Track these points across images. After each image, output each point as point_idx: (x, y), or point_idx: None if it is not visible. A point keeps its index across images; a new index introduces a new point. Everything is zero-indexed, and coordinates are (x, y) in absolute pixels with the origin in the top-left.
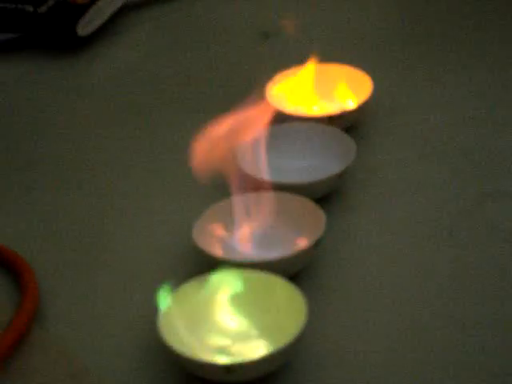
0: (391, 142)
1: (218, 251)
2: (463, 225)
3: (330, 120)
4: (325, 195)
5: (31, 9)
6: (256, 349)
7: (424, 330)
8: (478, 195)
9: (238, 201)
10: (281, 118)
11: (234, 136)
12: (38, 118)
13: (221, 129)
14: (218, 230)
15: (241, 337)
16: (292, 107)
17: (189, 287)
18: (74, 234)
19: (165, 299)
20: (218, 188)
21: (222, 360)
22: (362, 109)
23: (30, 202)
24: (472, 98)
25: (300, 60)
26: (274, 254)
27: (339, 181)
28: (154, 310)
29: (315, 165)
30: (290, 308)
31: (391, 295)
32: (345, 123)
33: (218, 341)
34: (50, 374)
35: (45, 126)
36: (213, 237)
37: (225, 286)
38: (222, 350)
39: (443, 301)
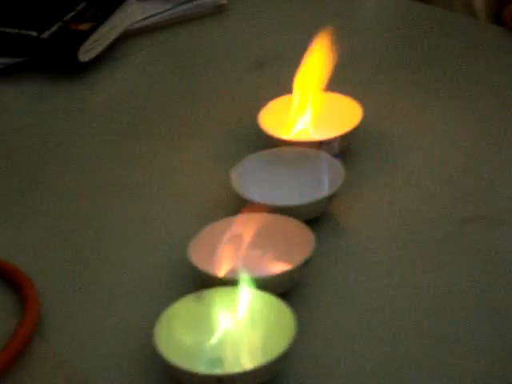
0: (379, 168)
1: (212, 269)
2: (447, 248)
3: (321, 145)
4: (314, 217)
5: (35, 34)
6: (247, 361)
7: (409, 348)
8: (462, 220)
9: (231, 222)
10: (273, 143)
11: None
12: (39, 139)
13: None
14: (212, 249)
15: (233, 350)
16: (284, 133)
17: (184, 302)
18: (73, 249)
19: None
20: (214, 209)
21: (214, 371)
22: (351, 135)
23: (30, 218)
24: (458, 126)
25: (292, 88)
26: (265, 272)
27: (328, 204)
28: (150, 322)
29: (305, 188)
30: (279, 323)
31: (377, 314)
32: (335, 148)
33: (210, 353)
34: None
35: (46, 147)
36: (207, 255)
37: (218, 301)
38: (214, 362)
39: (428, 320)
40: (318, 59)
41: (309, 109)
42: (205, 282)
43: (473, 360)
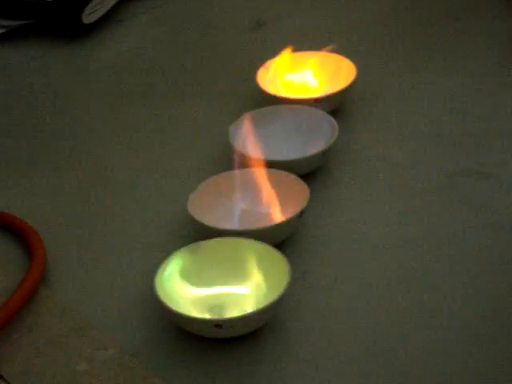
0: (372, 125)
1: (210, 221)
2: (436, 200)
3: (316, 102)
4: (310, 172)
5: None
6: (244, 307)
7: (399, 295)
8: (451, 173)
9: (229, 176)
10: (271, 100)
11: None
12: (46, 99)
13: None
14: (211, 202)
15: (231, 297)
16: (281, 91)
17: (184, 252)
18: (78, 204)
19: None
20: (213, 164)
21: (212, 316)
22: (345, 93)
23: (38, 176)
24: (450, 84)
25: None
26: (261, 223)
27: (323, 159)
28: (151, 272)
29: (301, 144)
30: (275, 271)
31: (370, 262)
32: (330, 106)
33: (210, 300)
34: (56, 330)
35: (52, 106)
36: (206, 208)
37: (217, 251)
38: (212, 308)
39: (417, 268)
40: None
41: (305, 67)
42: (203, 233)
43: (464, 305)
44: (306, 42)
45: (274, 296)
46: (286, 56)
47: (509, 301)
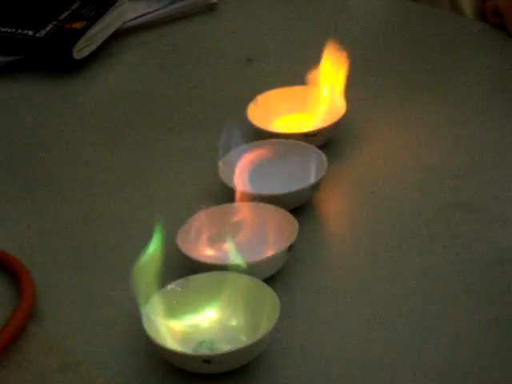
0: (362, 159)
1: (199, 256)
2: (426, 234)
3: (306, 137)
4: (299, 206)
5: (31, 33)
6: (233, 343)
7: (389, 328)
8: (440, 207)
9: (219, 210)
10: (261, 135)
11: None
12: (37, 135)
13: None
14: (201, 236)
15: (220, 333)
16: (271, 125)
17: (172, 287)
18: (67, 238)
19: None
20: (203, 198)
21: (202, 352)
22: (335, 127)
23: (25, 210)
24: (438, 118)
25: (280, 83)
26: (250, 257)
27: (312, 193)
28: (139, 307)
29: (291, 178)
30: (263, 306)
31: (358, 298)
32: (319, 140)
33: (198, 335)
34: (44, 366)
35: (43, 142)
36: (195, 242)
37: (206, 286)
38: (202, 345)
39: (409, 302)
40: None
41: (295, 102)
42: (192, 267)
43: (448, 336)
44: (295, 77)
45: (263, 331)
46: (276, 91)
47: (499, 335)
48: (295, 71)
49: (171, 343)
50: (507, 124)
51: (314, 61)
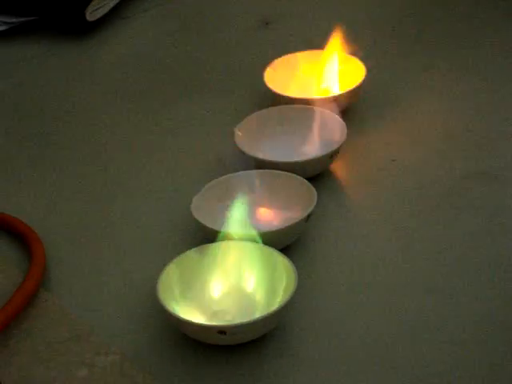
0: (382, 126)
1: (215, 224)
2: (448, 204)
3: (325, 102)
4: (317, 174)
5: None
6: (249, 314)
7: (408, 299)
8: (463, 176)
9: (235, 178)
10: (277, 101)
11: None
12: (49, 98)
13: None
14: (216, 205)
15: (235, 303)
16: (288, 91)
17: (187, 256)
18: (79, 206)
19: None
20: (217, 166)
21: (217, 323)
22: (354, 93)
23: (38, 177)
24: (460, 84)
25: (298, 47)
26: (268, 226)
27: (330, 161)
28: (154, 275)
29: (308, 145)
30: (281, 276)
31: (377, 268)
32: (339, 106)
33: (213, 305)
34: (56, 334)
35: (56, 105)
36: (211, 211)
37: (221, 255)
38: (217, 314)
39: (427, 274)
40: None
41: (313, 67)
42: (208, 236)
43: (472, 311)
44: (313, 42)
45: (279, 302)
46: (294, 55)
47: None
48: (313, 34)
49: (186, 313)
50: None
51: (333, 23)
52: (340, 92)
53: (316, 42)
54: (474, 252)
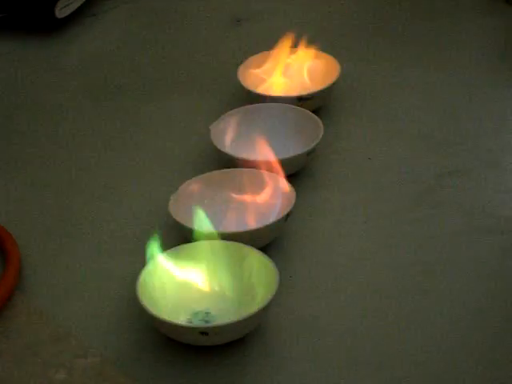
0: (357, 124)
1: (193, 224)
2: (426, 202)
3: (300, 101)
4: (294, 172)
5: None
6: (229, 313)
7: (387, 297)
8: (438, 174)
9: (212, 176)
10: (252, 98)
11: None
12: (19, 95)
13: None
14: (194, 203)
15: (216, 303)
16: (263, 88)
17: (166, 256)
18: (54, 205)
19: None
20: (194, 164)
21: (198, 324)
22: (329, 91)
23: (10, 176)
24: (435, 83)
25: (270, 44)
26: (246, 226)
27: (307, 159)
28: (132, 276)
29: (285, 143)
30: (261, 276)
31: (355, 266)
32: (313, 104)
33: (194, 306)
34: (33, 337)
35: (23, 104)
36: (188, 210)
37: (200, 255)
38: (197, 315)
39: (406, 272)
40: None
41: (288, 65)
42: (185, 236)
43: (455, 308)
44: (285, 39)
45: (260, 301)
46: (267, 53)
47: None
48: (286, 32)
49: (165, 314)
50: (507, 90)
51: (306, 21)
52: (315, 90)
53: (288, 39)
54: (454, 249)
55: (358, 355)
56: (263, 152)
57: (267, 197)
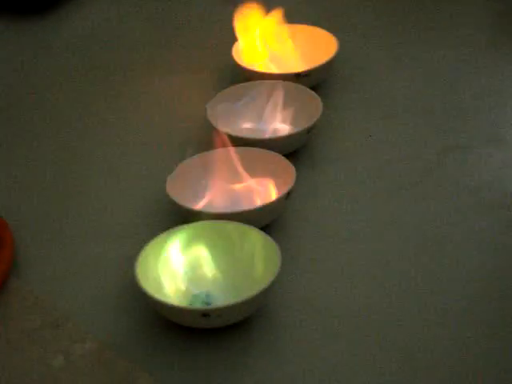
0: (356, 100)
1: (191, 204)
2: (427, 179)
3: (297, 78)
4: (294, 150)
5: None
6: (230, 295)
7: (391, 276)
8: (440, 150)
9: (209, 156)
10: (249, 76)
11: None
12: (7, 74)
13: None
14: (191, 184)
15: (217, 284)
16: (259, 66)
17: (164, 237)
18: (48, 189)
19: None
20: (191, 143)
21: (199, 305)
22: (327, 67)
23: (4, 160)
24: (434, 60)
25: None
26: (247, 205)
27: (307, 136)
28: (130, 259)
29: (284, 121)
30: (263, 256)
31: (357, 245)
32: (312, 81)
33: (194, 288)
34: (29, 322)
35: (14, 83)
36: (186, 190)
37: (200, 236)
38: (198, 297)
39: (407, 249)
40: None
41: (284, 41)
42: (184, 217)
43: (459, 287)
44: (284, 15)
45: (262, 282)
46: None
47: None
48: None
49: (166, 297)
50: (506, 66)
51: None
52: (313, 66)
53: (287, 16)
54: (458, 227)
55: (361, 336)
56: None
57: (267, 175)
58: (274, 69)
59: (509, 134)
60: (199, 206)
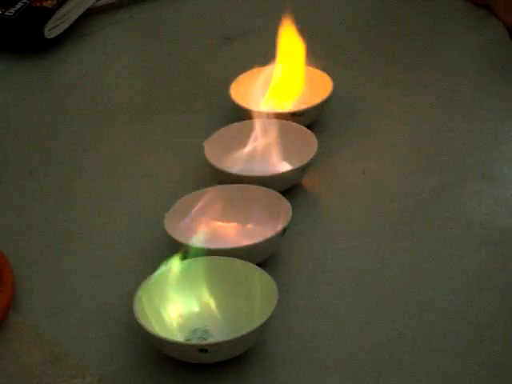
0: (350, 139)
1: (189, 241)
2: (421, 216)
3: (293, 116)
4: (289, 188)
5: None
6: (227, 330)
7: (387, 313)
8: (434, 187)
9: (206, 193)
10: (245, 115)
11: None
12: (6, 116)
13: None
14: (189, 220)
15: (215, 319)
16: (256, 105)
17: (163, 273)
18: (48, 224)
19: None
20: (189, 181)
21: (196, 341)
22: (322, 106)
23: (3, 195)
24: (427, 98)
25: (260, 61)
26: (243, 242)
27: (302, 174)
28: (128, 294)
29: (279, 159)
30: (260, 292)
31: (353, 281)
32: (307, 120)
33: (192, 323)
34: (29, 357)
35: (14, 123)
36: (184, 227)
37: (197, 271)
38: (195, 332)
39: (403, 286)
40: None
41: (280, 81)
42: (182, 252)
43: (454, 321)
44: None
45: (259, 317)
46: (258, 70)
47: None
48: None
49: (164, 332)
50: (499, 103)
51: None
52: (308, 105)
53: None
54: (452, 263)
55: (356, 374)
56: None
57: (263, 212)
58: (269, 108)
59: (501, 171)
60: (197, 242)
